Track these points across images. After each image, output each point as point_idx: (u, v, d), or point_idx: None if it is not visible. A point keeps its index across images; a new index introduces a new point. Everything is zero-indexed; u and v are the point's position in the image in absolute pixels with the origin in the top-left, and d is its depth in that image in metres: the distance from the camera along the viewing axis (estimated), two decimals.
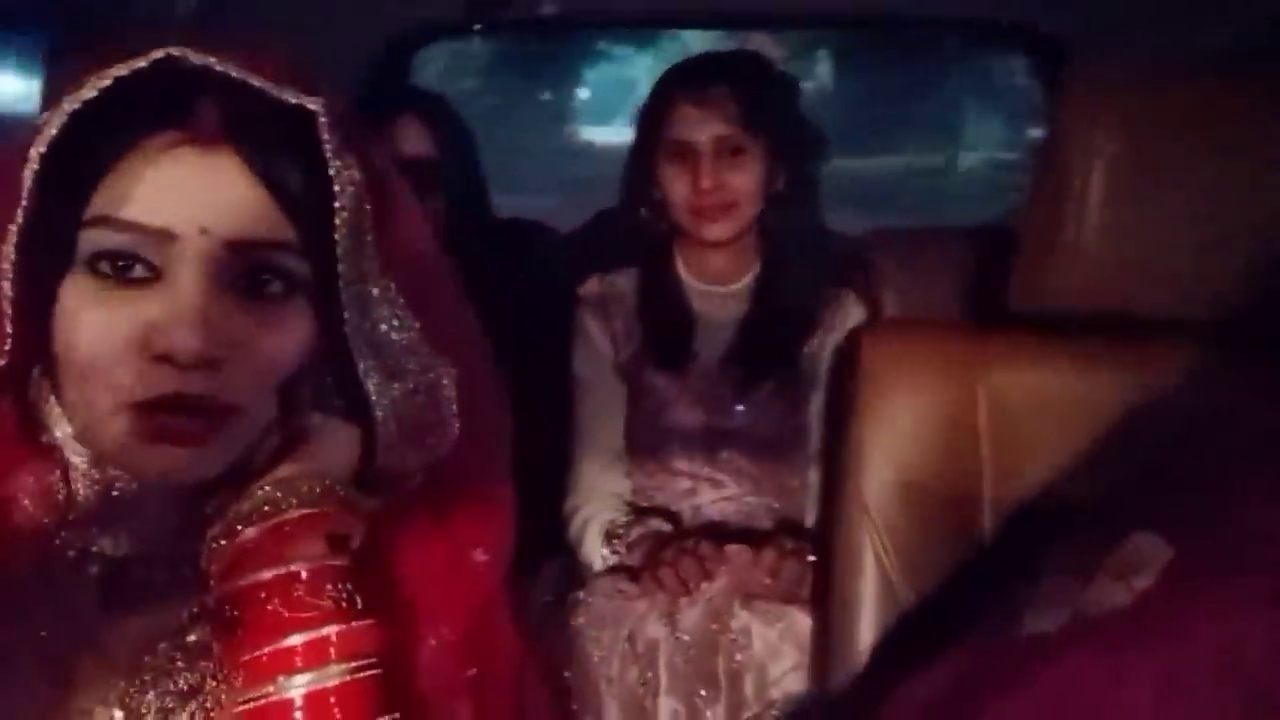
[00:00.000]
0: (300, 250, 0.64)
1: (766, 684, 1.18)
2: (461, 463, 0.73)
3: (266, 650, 0.61)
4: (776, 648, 1.18)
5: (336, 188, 0.64)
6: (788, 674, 1.18)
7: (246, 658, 0.62)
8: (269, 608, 0.62)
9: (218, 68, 0.62)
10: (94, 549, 0.68)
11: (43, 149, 0.61)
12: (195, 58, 0.62)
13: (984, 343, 1.01)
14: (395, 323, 0.69)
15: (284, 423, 0.68)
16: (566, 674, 1.22)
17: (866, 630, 0.97)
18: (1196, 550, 0.66)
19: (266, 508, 0.63)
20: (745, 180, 1.37)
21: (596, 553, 1.36)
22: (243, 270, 0.63)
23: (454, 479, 0.73)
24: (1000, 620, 0.75)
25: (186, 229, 0.61)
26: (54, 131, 0.61)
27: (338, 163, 0.65)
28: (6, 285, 0.63)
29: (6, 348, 0.63)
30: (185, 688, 0.67)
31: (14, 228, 0.62)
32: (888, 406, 0.99)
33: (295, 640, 0.61)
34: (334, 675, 0.61)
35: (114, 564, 0.69)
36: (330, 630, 0.61)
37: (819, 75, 9.13)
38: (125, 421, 0.62)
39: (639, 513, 1.40)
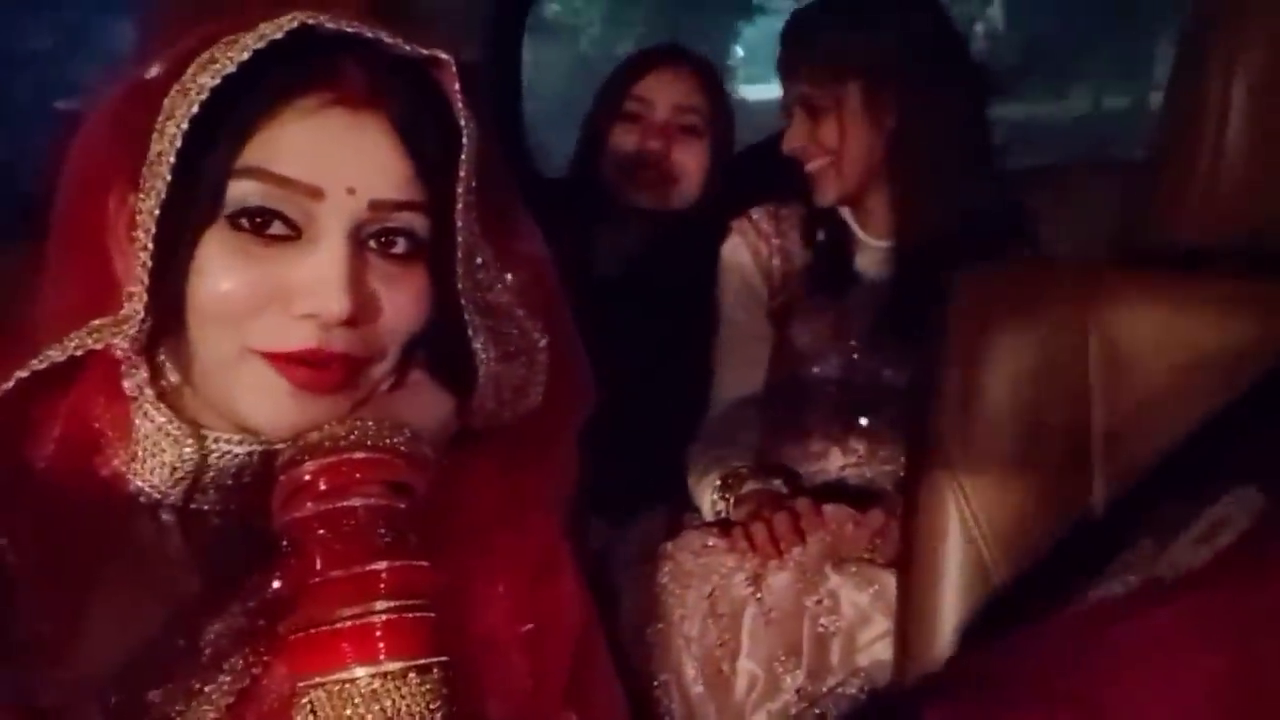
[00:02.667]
0: (427, 211, 0.66)
1: (854, 650, 1.10)
2: (535, 424, 0.74)
3: (318, 581, 0.62)
4: (868, 614, 1.10)
5: (465, 139, 0.65)
6: (876, 641, 1.09)
7: (300, 589, 0.63)
8: (322, 541, 0.62)
9: (350, 29, 0.62)
10: (183, 504, 0.69)
11: (186, 121, 0.61)
12: (330, 22, 0.62)
13: (1098, 280, 0.88)
14: (499, 286, 0.71)
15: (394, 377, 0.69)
16: (649, 629, 1.18)
17: (950, 601, 0.88)
18: None
19: (327, 444, 0.64)
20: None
21: (708, 500, 1.30)
22: (377, 230, 0.65)
23: (523, 439, 0.74)
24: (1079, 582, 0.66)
25: (335, 188, 0.62)
26: (198, 99, 0.61)
27: (466, 113, 0.66)
28: (146, 239, 0.63)
29: (145, 302, 0.64)
30: (251, 629, 0.67)
31: (158, 183, 0.62)
32: (982, 349, 0.88)
33: (345, 573, 0.62)
34: (381, 611, 0.61)
35: (194, 515, 0.70)
36: (380, 566, 0.62)
37: (990, 18, 8.58)
38: (254, 370, 0.64)
39: (761, 469, 1.33)
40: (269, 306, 0.63)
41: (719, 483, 1.29)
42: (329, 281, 0.62)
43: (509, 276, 0.72)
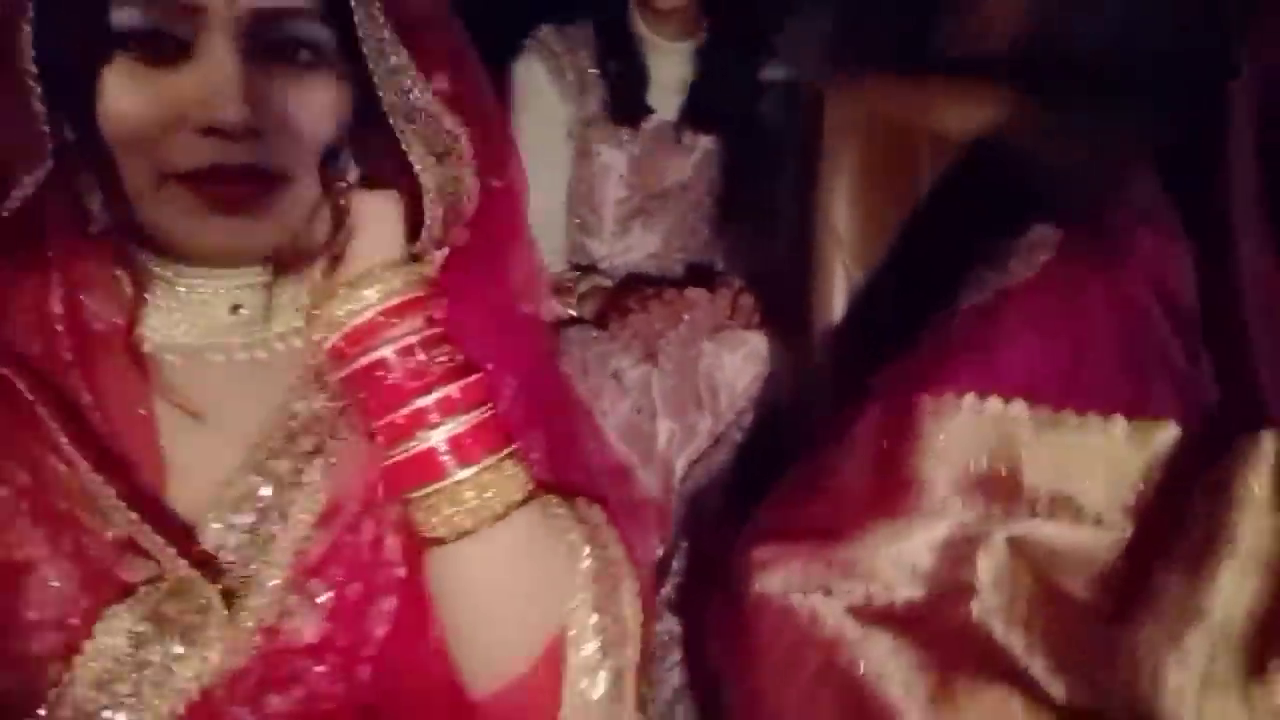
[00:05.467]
0: (321, 17, 0.66)
1: (736, 397, 1.41)
2: (487, 223, 0.76)
3: (402, 413, 0.68)
4: (741, 368, 1.41)
5: None
6: (750, 385, 1.41)
7: (382, 422, 0.68)
8: (391, 380, 0.68)
9: None
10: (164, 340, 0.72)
11: None
12: None
13: (922, 90, 1.20)
14: (418, 89, 0.71)
15: (328, 197, 0.70)
16: None
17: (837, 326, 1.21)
18: (1081, 230, 0.90)
19: (367, 295, 0.67)
20: None
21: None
22: (271, 40, 0.65)
23: (482, 241, 0.77)
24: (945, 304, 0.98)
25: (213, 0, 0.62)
26: None
27: None
28: (32, 81, 0.62)
29: (50, 147, 0.64)
30: (310, 449, 0.74)
31: (27, 21, 0.61)
32: (848, 152, 1.18)
33: (427, 400, 0.68)
34: (465, 421, 0.68)
35: (192, 352, 0.73)
36: (453, 387, 0.68)
37: None
38: (172, 195, 0.65)
39: (579, 269, 1.55)
40: (173, 127, 0.64)
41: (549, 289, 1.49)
42: (219, 89, 0.63)
43: (431, 79, 0.72)
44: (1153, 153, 0.81)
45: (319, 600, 0.73)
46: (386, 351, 0.67)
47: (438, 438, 0.68)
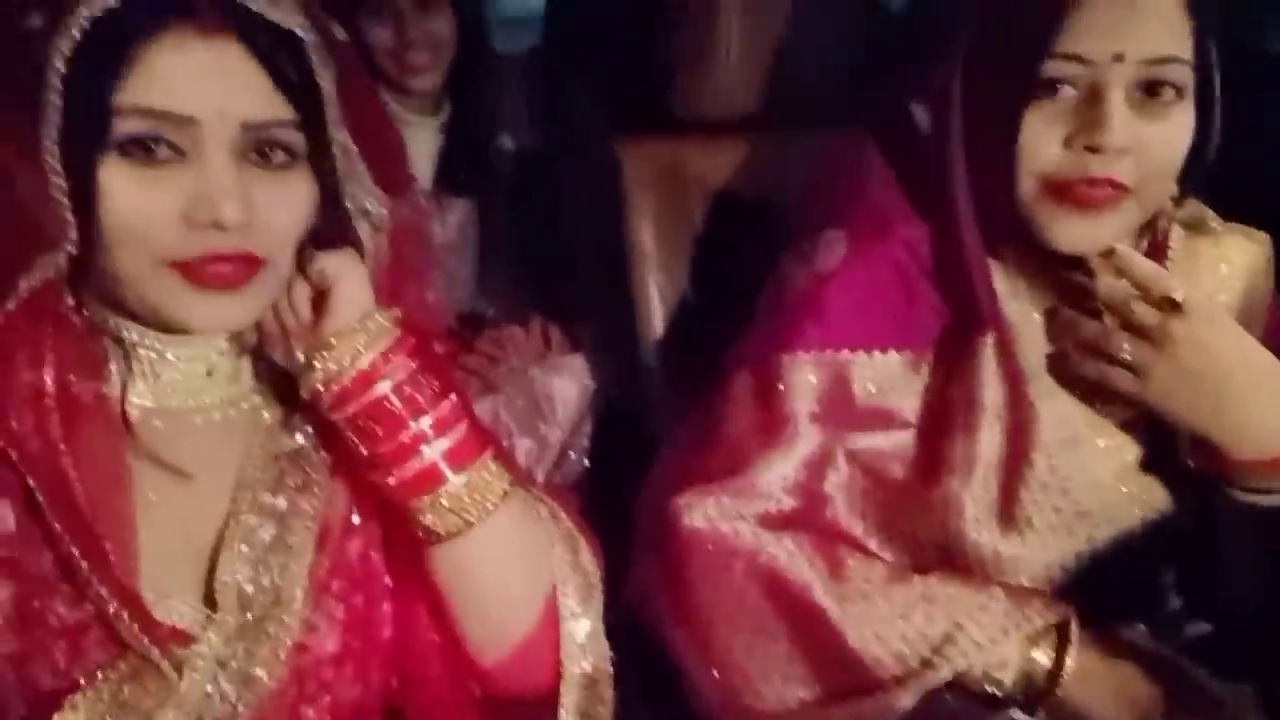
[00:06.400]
0: (297, 126, 0.75)
1: (571, 411, 1.66)
2: (397, 261, 0.88)
3: (403, 437, 0.78)
4: (569, 386, 1.66)
5: (323, 88, 0.77)
6: (580, 399, 1.67)
7: (384, 449, 0.78)
8: (394, 411, 0.78)
9: None
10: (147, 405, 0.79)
11: (67, 52, 0.68)
12: None
13: (686, 146, 1.54)
14: (358, 171, 0.84)
15: (301, 268, 0.79)
16: None
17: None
18: (857, 229, 1.23)
19: (361, 343, 0.78)
20: (444, 28, 1.65)
21: None
22: (254, 145, 0.73)
23: (392, 273, 0.88)
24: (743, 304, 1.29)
25: (207, 113, 0.70)
26: (76, 36, 0.68)
27: (324, 72, 0.77)
28: (56, 178, 0.70)
29: (74, 236, 0.71)
30: (299, 483, 0.83)
31: (52, 118, 0.69)
32: (646, 194, 1.49)
33: (424, 423, 0.79)
34: (455, 433, 0.80)
35: (175, 414, 0.80)
36: (443, 407, 0.80)
37: None
38: (166, 278, 0.72)
39: None
40: (170, 222, 0.70)
41: None
42: (219, 191, 0.70)
43: (366, 166, 0.83)
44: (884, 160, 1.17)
45: (336, 615, 0.84)
46: (386, 388, 0.78)
47: (437, 451, 0.79)
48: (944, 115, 1.07)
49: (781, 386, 1.10)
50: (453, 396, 0.81)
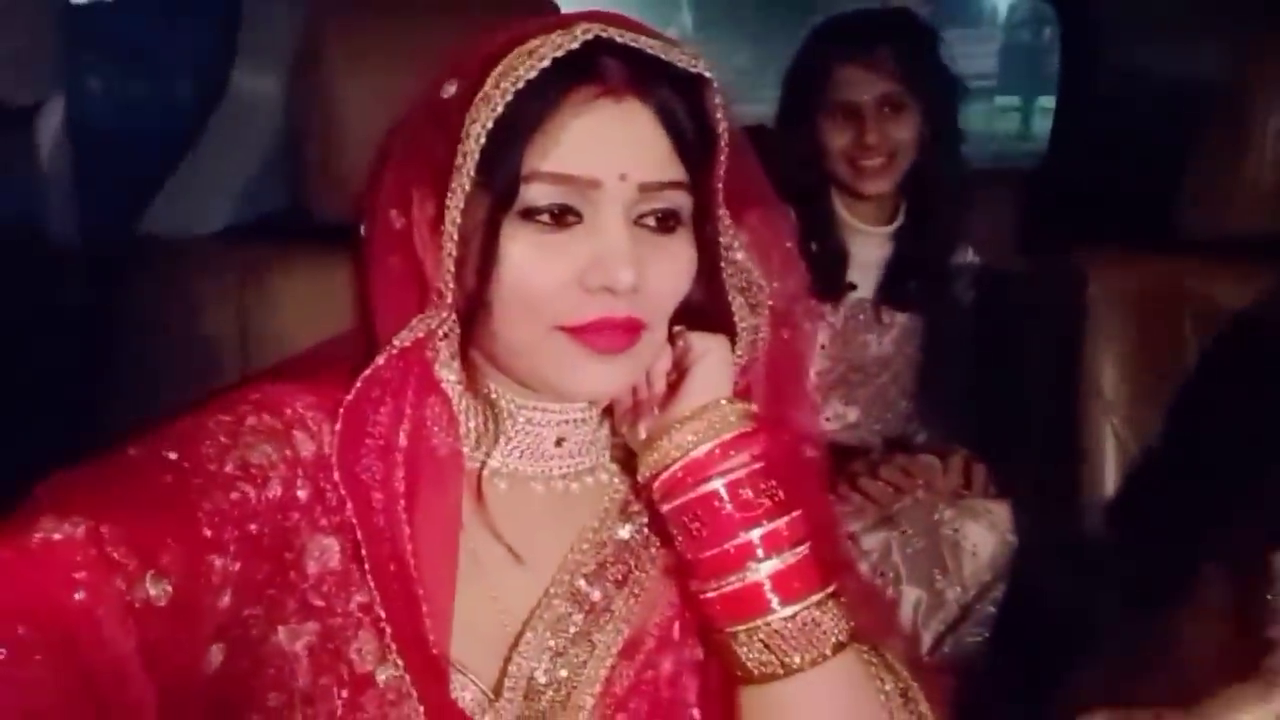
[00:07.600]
0: (688, 189, 0.72)
1: (980, 568, 1.39)
2: (775, 370, 0.81)
3: (730, 545, 0.71)
4: (985, 537, 1.39)
5: (722, 140, 0.73)
6: (995, 557, 1.38)
7: (707, 554, 0.71)
8: (724, 512, 0.71)
9: (619, 39, 0.68)
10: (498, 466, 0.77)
11: (489, 124, 0.67)
12: (617, 35, 0.68)
13: (1182, 268, 1.23)
14: (737, 244, 0.79)
15: (669, 341, 0.76)
16: None
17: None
18: None
19: (702, 430, 0.72)
20: (905, 134, 1.53)
21: None
22: (646, 208, 0.71)
23: (770, 387, 0.81)
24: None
25: (609, 176, 0.69)
26: (498, 108, 0.67)
27: (722, 119, 0.73)
28: (450, 244, 0.69)
29: (450, 299, 0.71)
30: (618, 578, 0.77)
31: (462, 186, 0.68)
32: (1116, 324, 1.20)
33: (755, 534, 0.71)
34: (790, 556, 0.71)
35: (520, 480, 0.78)
36: (780, 522, 0.71)
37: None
38: (556, 343, 0.70)
39: None
40: (565, 287, 0.69)
41: None
42: (616, 257, 0.68)
43: (743, 235, 0.78)
44: None
45: None
46: (719, 484, 0.71)
47: (764, 572, 0.70)
48: None
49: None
50: (796, 512, 0.72)
